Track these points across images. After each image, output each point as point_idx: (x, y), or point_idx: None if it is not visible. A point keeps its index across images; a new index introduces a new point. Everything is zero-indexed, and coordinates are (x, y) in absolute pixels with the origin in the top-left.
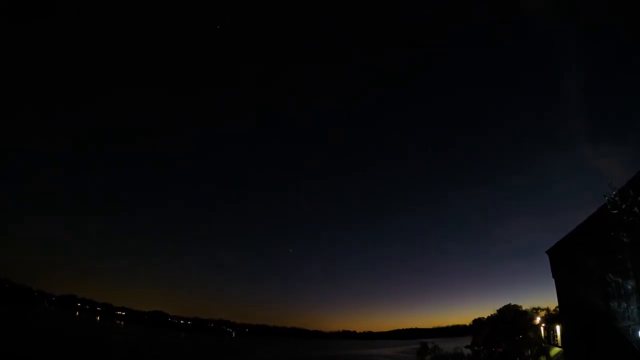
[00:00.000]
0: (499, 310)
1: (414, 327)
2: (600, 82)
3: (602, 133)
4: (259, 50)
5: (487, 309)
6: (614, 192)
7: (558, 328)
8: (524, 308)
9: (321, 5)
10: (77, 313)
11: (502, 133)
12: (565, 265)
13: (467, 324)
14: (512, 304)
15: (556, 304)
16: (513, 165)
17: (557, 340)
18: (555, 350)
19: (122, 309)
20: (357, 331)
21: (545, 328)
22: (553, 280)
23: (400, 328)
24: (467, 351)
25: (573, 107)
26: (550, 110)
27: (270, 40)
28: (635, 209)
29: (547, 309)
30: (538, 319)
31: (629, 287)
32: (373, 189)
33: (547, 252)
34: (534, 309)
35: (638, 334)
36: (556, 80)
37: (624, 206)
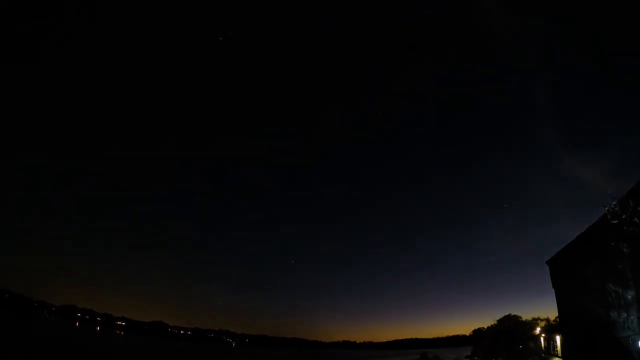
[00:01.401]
0: (499, 321)
1: (414, 338)
2: (571, 90)
3: (580, 142)
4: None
5: (487, 319)
6: (614, 203)
7: (558, 338)
8: (524, 318)
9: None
10: (77, 323)
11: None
12: (565, 275)
13: (467, 334)
14: (512, 314)
15: (556, 314)
16: (507, 177)
17: (557, 351)
18: None
19: (122, 319)
20: (357, 341)
21: (545, 338)
22: (553, 290)
23: (400, 338)
24: None
25: (548, 117)
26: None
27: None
28: (635, 219)
29: (547, 319)
30: (538, 329)
31: (629, 297)
32: (373, 202)
33: (547, 262)
34: (534, 319)
35: (638, 344)
36: (528, 88)
37: (624, 216)
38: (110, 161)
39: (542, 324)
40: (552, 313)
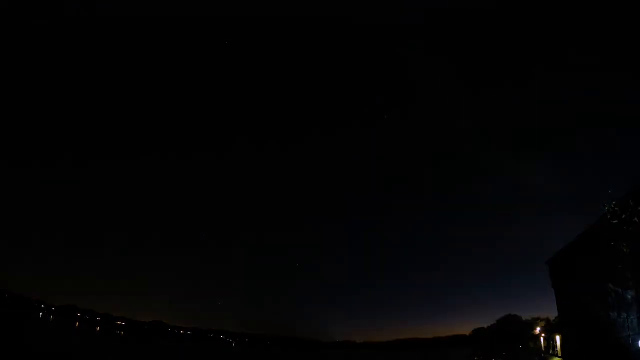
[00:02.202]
0: (499, 321)
1: (414, 338)
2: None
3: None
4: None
5: (487, 319)
6: (614, 202)
7: (558, 338)
8: (524, 318)
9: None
10: (77, 324)
11: None
12: (565, 275)
13: (467, 334)
14: (512, 314)
15: (556, 314)
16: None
17: (557, 351)
18: None
19: (122, 319)
20: (357, 341)
21: (545, 338)
22: (553, 290)
23: (400, 338)
24: None
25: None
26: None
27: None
28: (635, 219)
29: (547, 319)
30: (538, 329)
31: (629, 297)
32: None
33: (547, 262)
34: (534, 319)
35: (638, 344)
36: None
37: (624, 216)
38: (111, 162)
39: (542, 324)
40: (552, 313)
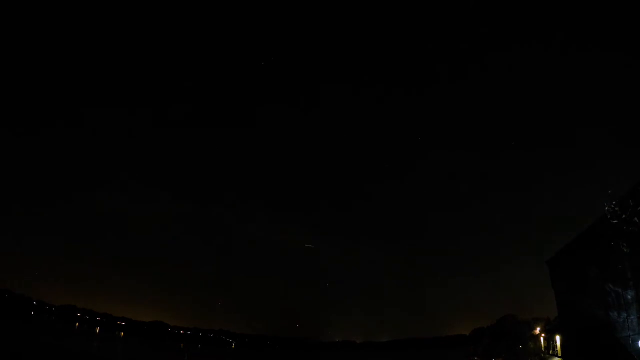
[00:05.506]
0: (499, 321)
1: (414, 337)
2: None
3: None
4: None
5: (487, 319)
6: (613, 202)
7: (558, 338)
8: (523, 318)
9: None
10: (77, 324)
11: None
12: (565, 275)
13: (467, 334)
14: (512, 314)
15: (556, 314)
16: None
17: (557, 351)
18: None
19: (123, 320)
20: (357, 342)
21: (545, 338)
22: (553, 290)
23: (400, 338)
24: None
25: None
26: None
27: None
28: (635, 219)
29: (547, 319)
30: (538, 329)
31: (629, 297)
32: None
33: (547, 262)
34: (534, 319)
35: (638, 344)
36: None
37: (624, 216)
38: (111, 165)
39: (542, 324)
40: (552, 313)
